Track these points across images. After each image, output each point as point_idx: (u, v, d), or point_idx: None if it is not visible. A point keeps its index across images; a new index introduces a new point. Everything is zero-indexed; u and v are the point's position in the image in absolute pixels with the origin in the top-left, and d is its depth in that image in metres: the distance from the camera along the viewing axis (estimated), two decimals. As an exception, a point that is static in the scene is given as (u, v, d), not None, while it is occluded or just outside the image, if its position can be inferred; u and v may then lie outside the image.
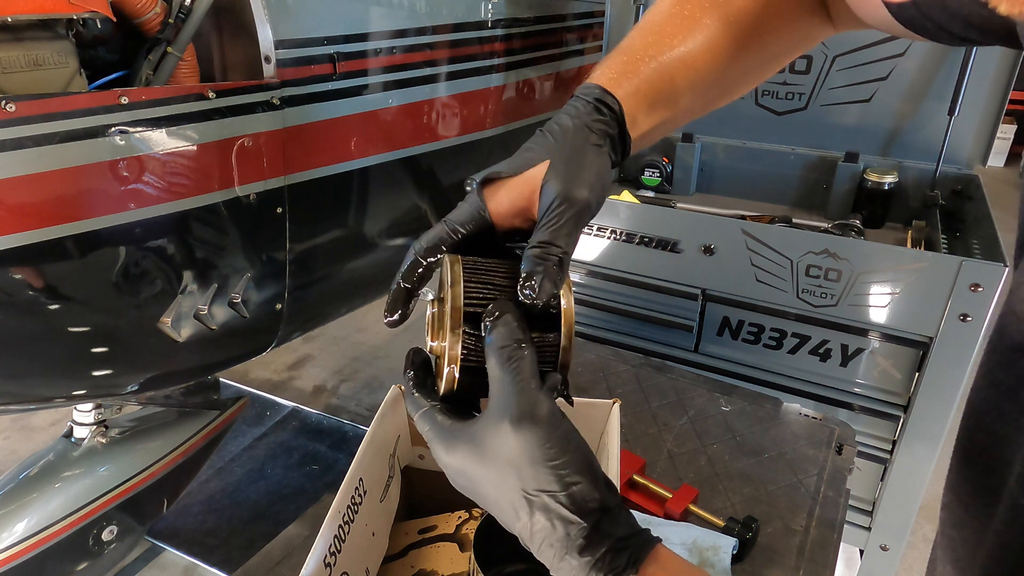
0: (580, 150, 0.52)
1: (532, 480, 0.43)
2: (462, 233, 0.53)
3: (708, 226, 1.69)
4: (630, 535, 0.44)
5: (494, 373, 0.46)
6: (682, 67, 0.58)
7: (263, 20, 1.45)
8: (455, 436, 0.47)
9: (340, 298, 2.03)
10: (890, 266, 1.50)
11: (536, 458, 0.43)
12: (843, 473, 1.19)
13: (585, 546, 0.42)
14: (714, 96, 0.65)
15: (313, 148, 1.63)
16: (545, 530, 0.43)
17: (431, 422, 0.49)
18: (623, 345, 1.82)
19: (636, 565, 0.42)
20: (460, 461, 0.46)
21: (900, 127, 1.92)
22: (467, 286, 0.50)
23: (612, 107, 0.54)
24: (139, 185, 1.31)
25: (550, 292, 0.48)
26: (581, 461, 0.44)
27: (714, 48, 0.59)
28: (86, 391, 1.51)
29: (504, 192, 0.53)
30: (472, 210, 0.53)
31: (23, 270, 1.23)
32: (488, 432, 0.44)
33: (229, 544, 2.09)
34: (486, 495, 0.46)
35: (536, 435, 0.43)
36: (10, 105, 1.12)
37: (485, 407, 0.47)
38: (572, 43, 2.65)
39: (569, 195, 0.49)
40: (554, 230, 0.49)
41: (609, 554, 0.42)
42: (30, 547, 1.68)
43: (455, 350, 0.48)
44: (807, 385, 1.70)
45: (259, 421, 2.70)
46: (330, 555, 0.75)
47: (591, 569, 0.42)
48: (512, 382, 0.44)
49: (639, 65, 0.57)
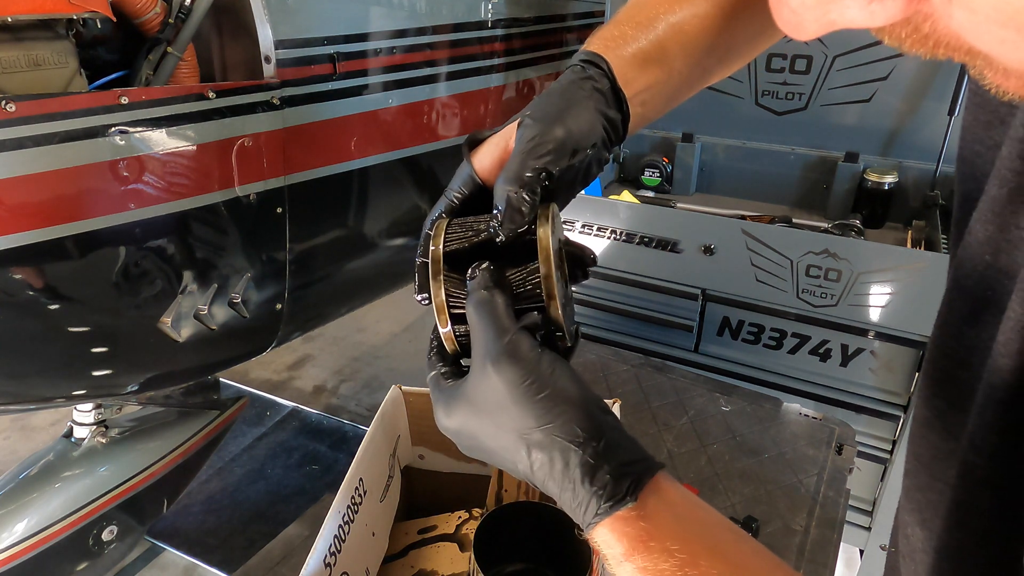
0: (561, 99, 0.53)
1: (521, 418, 0.43)
2: (458, 198, 0.54)
3: (708, 226, 1.69)
4: (632, 461, 0.43)
5: (474, 324, 0.46)
6: (672, 31, 0.60)
7: (263, 20, 1.45)
8: (452, 397, 0.47)
9: (340, 298, 2.03)
10: (890, 266, 1.50)
11: (520, 396, 0.43)
12: (843, 473, 1.19)
13: (583, 475, 0.42)
14: (710, 64, 0.65)
15: (313, 148, 1.63)
16: (544, 465, 0.43)
17: (434, 386, 0.49)
18: (623, 345, 1.82)
19: (636, 491, 0.42)
20: (459, 420, 0.47)
21: (900, 127, 1.92)
22: (448, 236, 0.50)
23: (599, 64, 0.55)
24: (139, 185, 1.31)
25: (517, 222, 0.48)
26: (569, 391, 0.44)
27: (702, 16, 0.61)
28: (86, 391, 1.51)
29: (485, 149, 0.54)
30: (463, 174, 0.55)
31: (23, 270, 1.23)
32: (475, 382, 0.45)
33: (229, 544, 2.09)
34: (488, 448, 0.46)
35: (516, 372, 0.43)
36: (10, 105, 1.12)
37: None
38: (572, 43, 2.65)
39: (544, 132, 0.50)
40: (521, 161, 0.49)
41: (610, 480, 0.42)
42: (30, 547, 1.68)
43: (439, 297, 0.49)
44: (807, 385, 1.70)
45: (259, 421, 2.70)
46: (330, 555, 0.75)
47: (592, 497, 0.42)
48: (487, 327, 0.45)
49: (626, 30, 0.58)
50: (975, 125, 0.49)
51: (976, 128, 0.48)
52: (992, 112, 0.46)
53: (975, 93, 0.48)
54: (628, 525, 0.42)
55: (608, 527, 0.42)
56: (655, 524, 0.42)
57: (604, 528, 0.42)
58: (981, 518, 0.44)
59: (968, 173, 0.49)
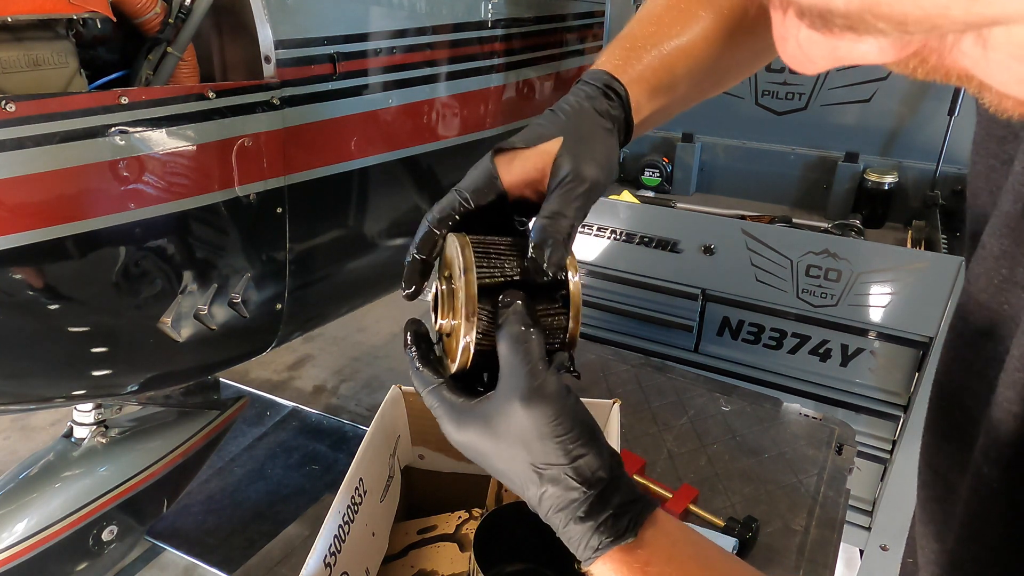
0: (591, 131, 0.55)
1: (541, 454, 0.45)
2: (473, 202, 0.55)
3: (708, 226, 1.69)
4: (631, 500, 0.46)
5: (505, 356, 0.48)
6: (682, 56, 0.61)
7: (263, 20, 1.45)
8: (465, 415, 0.49)
9: (340, 298, 2.03)
10: (890, 266, 1.50)
11: (545, 434, 0.45)
12: (843, 473, 1.19)
13: (589, 512, 0.45)
14: (708, 85, 0.67)
15: (313, 148, 1.63)
16: (553, 499, 0.46)
17: (440, 399, 0.51)
18: (623, 345, 1.82)
19: (636, 528, 0.45)
20: (470, 438, 0.49)
21: (900, 127, 1.92)
22: (478, 268, 0.50)
23: (619, 92, 0.57)
24: (139, 185, 1.31)
25: (558, 262, 0.51)
26: (587, 434, 0.46)
27: (709, 39, 0.62)
28: (86, 391, 1.51)
29: (517, 162, 0.55)
30: (484, 178, 0.55)
31: (23, 270, 1.23)
32: (499, 411, 0.47)
33: (229, 544, 2.09)
34: (496, 467, 0.49)
35: (544, 412, 0.45)
36: (10, 105, 1.12)
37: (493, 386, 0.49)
38: (572, 43, 2.65)
39: (580, 171, 0.52)
40: (565, 202, 0.51)
41: (611, 518, 0.45)
42: (30, 547, 1.68)
43: (471, 336, 0.50)
44: (807, 385, 1.70)
45: (259, 421, 2.70)
46: (330, 555, 0.75)
47: (594, 532, 0.45)
48: (522, 364, 0.47)
49: (641, 53, 0.59)
50: (988, 140, 0.49)
51: (989, 142, 0.49)
52: (1006, 127, 0.47)
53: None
54: (627, 554, 0.45)
55: (608, 559, 0.45)
56: (651, 551, 0.45)
57: (604, 562, 0.45)
58: (994, 530, 0.45)
59: (981, 187, 0.50)
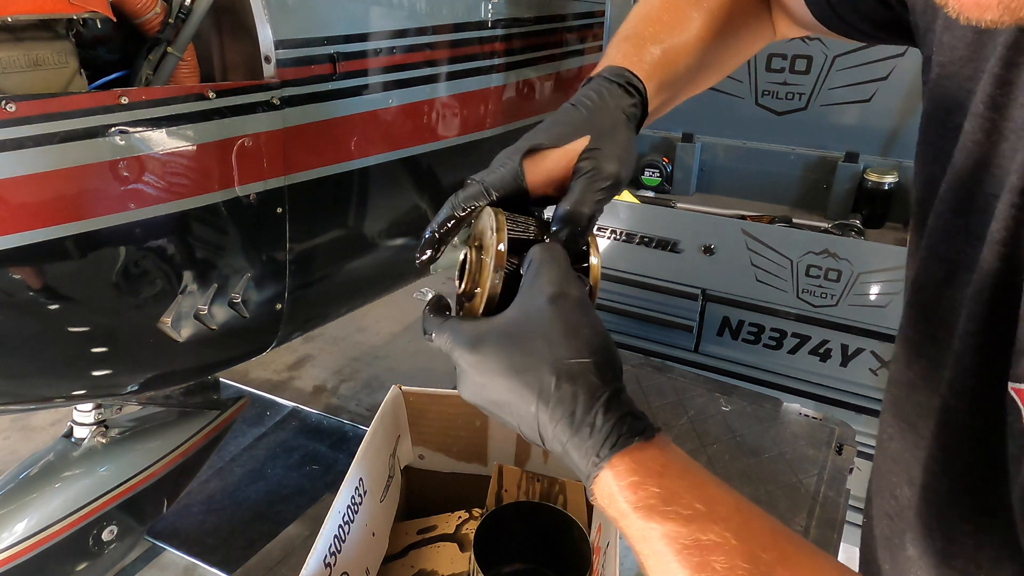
0: (613, 126, 0.58)
1: (565, 349, 0.46)
2: (496, 195, 0.58)
3: (708, 226, 1.69)
4: (642, 413, 0.47)
5: (533, 266, 0.50)
6: (682, 54, 0.66)
7: (263, 20, 1.45)
8: (481, 331, 0.49)
9: (340, 298, 2.03)
10: (890, 266, 1.50)
11: (571, 328, 0.47)
12: (843, 473, 1.19)
13: (608, 406, 0.45)
14: (700, 81, 0.72)
15: (313, 148, 1.63)
16: (570, 396, 0.45)
17: (452, 328, 0.51)
18: (623, 345, 1.82)
19: (653, 430, 0.45)
20: (483, 353, 0.48)
21: (900, 127, 1.92)
22: (510, 229, 0.54)
23: (639, 89, 0.61)
24: (139, 185, 1.31)
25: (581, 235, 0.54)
26: (606, 338, 0.48)
27: (702, 37, 0.67)
28: (86, 391, 1.51)
29: (544, 163, 0.57)
30: (510, 176, 0.58)
31: (23, 270, 1.23)
32: (522, 311, 0.49)
33: (229, 544, 2.09)
34: (505, 385, 0.47)
35: (573, 308, 0.47)
36: (10, 105, 1.12)
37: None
38: (572, 43, 2.65)
39: (602, 167, 0.56)
40: (586, 195, 0.55)
41: (629, 416, 0.45)
42: (30, 547, 1.68)
43: (496, 286, 0.52)
44: (807, 385, 1.70)
45: (259, 421, 2.70)
46: (330, 555, 0.75)
47: (613, 428, 0.44)
48: (551, 268, 0.49)
49: (648, 51, 0.64)
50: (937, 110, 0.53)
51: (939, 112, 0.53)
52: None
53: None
54: (643, 454, 0.44)
55: (624, 458, 0.43)
56: (668, 458, 0.44)
57: (619, 461, 0.43)
58: (962, 460, 0.47)
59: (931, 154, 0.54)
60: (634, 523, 0.42)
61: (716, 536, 0.41)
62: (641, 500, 0.42)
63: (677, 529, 0.41)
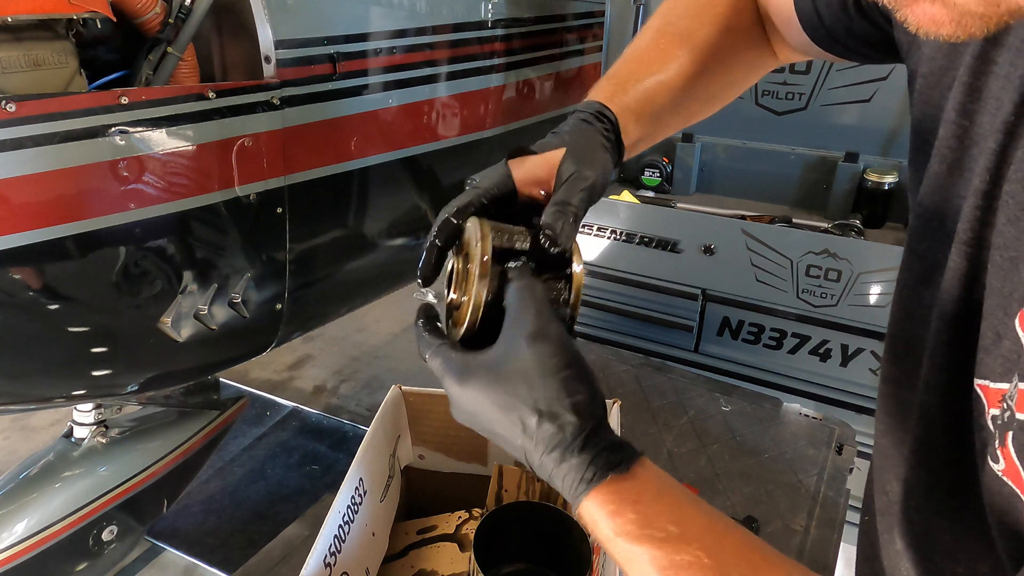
0: (590, 144, 0.63)
1: (543, 389, 0.48)
2: (488, 196, 0.61)
3: (708, 226, 1.69)
4: (619, 442, 0.50)
5: (513, 303, 0.52)
6: (662, 89, 0.71)
7: (263, 20, 1.45)
8: (468, 365, 0.52)
9: (340, 298, 2.03)
10: (890, 266, 1.50)
11: (548, 370, 0.49)
12: (843, 473, 1.19)
13: (585, 445, 0.48)
14: (692, 112, 0.79)
15: (313, 148, 1.63)
16: (550, 435, 0.48)
17: (443, 357, 0.54)
18: (623, 345, 1.82)
19: (629, 463, 0.48)
20: (471, 388, 0.51)
21: (900, 127, 1.92)
22: (494, 237, 0.56)
23: (609, 117, 0.66)
24: (139, 185, 1.31)
25: (565, 240, 0.56)
26: (585, 375, 0.50)
27: (685, 73, 0.72)
28: (86, 391, 1.51)
29: (528, 165, 0.62)
30: (499, 177, 0.61)
31: (23, 270, 1.23)
32: (503, 352, 0.51)
33: (229, 544, 2.09)
34: (492, 418, 0.51)
35: (549, 350, 0.49)
36: (10, 105, 1.12)
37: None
38: (572, 43, 2.65)
39: (582, 172, 0.60)
40: (569, 194, 0.58)
41: (605, 452, 0.48)
42: (30, 547, 1.68)
43: (481, 296, 0.54)
44: (807, 385, 1.70)
45: (259, 421, 2.70)
46: (330, 555, 0.75)
47: (589, 464, 0.47)
48: (528, 308, 0.51)
49: (626, 88, 0.69)
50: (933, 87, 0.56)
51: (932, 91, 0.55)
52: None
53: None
54: (620, 486, 0.47)
55: (602, 491, 0.47)
56: (643, 486, 0.48)
57: (598, 494, 0.47)
58: (938, 455, 0.51)
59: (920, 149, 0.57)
60: (618, 547, 0.47)
61: (689, 556, 0.44)
62: (619, 527, 0.46)
63: (653, 552, 0.45)
